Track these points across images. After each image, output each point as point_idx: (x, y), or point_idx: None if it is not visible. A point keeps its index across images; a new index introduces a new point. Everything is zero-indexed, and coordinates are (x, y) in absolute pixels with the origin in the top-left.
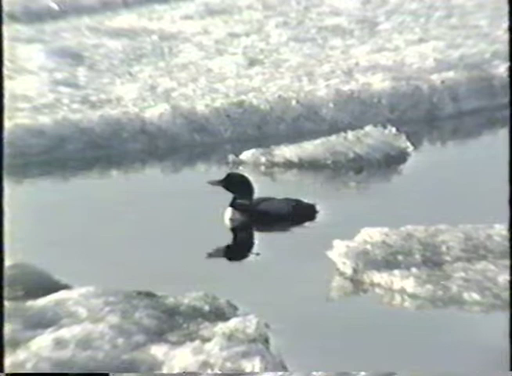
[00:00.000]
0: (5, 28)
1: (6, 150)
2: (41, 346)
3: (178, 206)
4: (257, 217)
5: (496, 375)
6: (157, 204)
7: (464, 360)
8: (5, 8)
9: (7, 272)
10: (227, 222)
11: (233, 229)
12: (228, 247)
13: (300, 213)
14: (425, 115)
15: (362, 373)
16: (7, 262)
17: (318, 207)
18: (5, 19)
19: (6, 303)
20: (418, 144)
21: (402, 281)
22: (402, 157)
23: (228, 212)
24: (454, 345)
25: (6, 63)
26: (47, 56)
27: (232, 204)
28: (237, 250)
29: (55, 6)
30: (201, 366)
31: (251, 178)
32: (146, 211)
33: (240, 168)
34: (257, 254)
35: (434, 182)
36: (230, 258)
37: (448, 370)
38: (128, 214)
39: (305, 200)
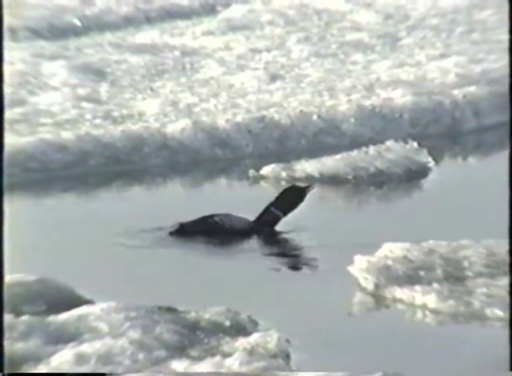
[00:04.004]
0: (29, 44)
1: (30, 165)
2: (62, 361)
3: None
4: None
5: (496, 375)
6: (178, 219)
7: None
8: (30, 24)
9: (30, 287)
10: None
11: None
12: None
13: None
14: (447, 130)
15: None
16: (31, 277)
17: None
18: (30, 35)
19: (28, 318)
20: (439, 159)
21: (424, 297)
22: (423, 171)
23: None
24: (474, 360)
25: (30, 79)
26: (70, 72)
27: None
28: None
29: (78, 23)
30: None
31: (272, 193)
32: (167, 225)
33: (261, 182)
34: (278, 269)
35: (456, 197)
36: None
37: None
38: (150, 229)
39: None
